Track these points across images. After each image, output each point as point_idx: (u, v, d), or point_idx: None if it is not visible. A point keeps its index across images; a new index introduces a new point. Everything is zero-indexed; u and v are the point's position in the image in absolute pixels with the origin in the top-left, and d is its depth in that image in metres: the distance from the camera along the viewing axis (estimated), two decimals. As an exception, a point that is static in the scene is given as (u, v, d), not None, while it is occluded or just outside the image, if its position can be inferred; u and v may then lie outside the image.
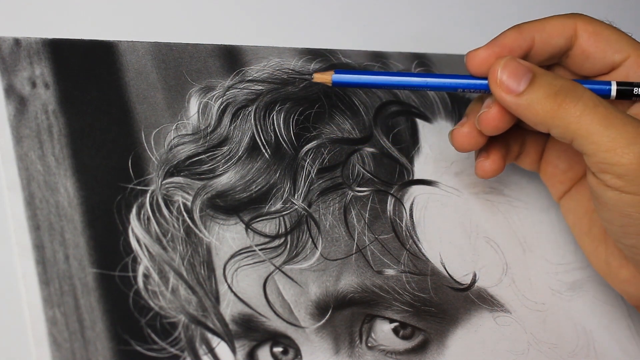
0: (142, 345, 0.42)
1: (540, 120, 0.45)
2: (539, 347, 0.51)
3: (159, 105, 0.48)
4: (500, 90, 0.46)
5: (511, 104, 0.46)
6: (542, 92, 0.45)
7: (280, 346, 0.46)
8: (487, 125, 0.48)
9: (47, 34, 0.47)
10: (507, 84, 0.46)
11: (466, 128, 0.49)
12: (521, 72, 0.46)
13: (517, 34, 0.48)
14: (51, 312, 0.41)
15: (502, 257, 0.53)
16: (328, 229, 0.49)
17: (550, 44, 0.49)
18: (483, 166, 0.51)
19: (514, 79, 0.46)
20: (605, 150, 0.44)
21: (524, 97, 0.45)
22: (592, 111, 0.44)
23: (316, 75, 0.48)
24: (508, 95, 0.46)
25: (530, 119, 0.46)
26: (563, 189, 0.52)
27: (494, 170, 0.51)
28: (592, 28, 0.49)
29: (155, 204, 0.46)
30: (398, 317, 0.48)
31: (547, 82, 0.45)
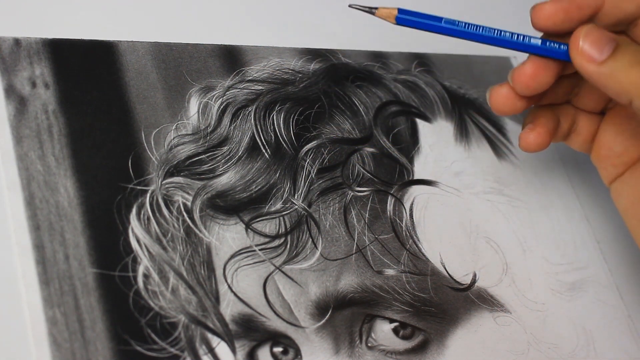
0: (142, 345, 0.42)
1: (624, 89, 0.43)
2: (539, 347, 0.51)
3: (159, 105, 0.48)
4: (582, 59, 0.44)
5: (593, 72, 0.44)
6: (627, 60, 0.43)
7: (280, 346, 0.46)
8: (520, 83, 0.46)
9: (47, 34, 0.47)
10: (589, 52, 0.44)
11: (505, 88, 0.48)
12: (604, 40, 0.44)
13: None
14: (51, 312, 0.41)
15: (502, 257, 0.53)
16: (328, 229, 0.49)
17: (620, 7, 0.46)
18: (527, 138, 0.49)
19: (596, 47, 0.44)
20: None
21: (606, 65, 0.43)
22: None
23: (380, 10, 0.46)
24: (590, 64, 0.44)
25: (612, 87, 0.44)
26: (616, 172, 0.50)
27: (537, 144, 0.49)
28: None
29: (155, 204, 0.46)
30: (398, 317, 0.48)
31: (631, 51, 0.43)
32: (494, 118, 0.60)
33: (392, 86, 0.57)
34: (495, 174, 0.57)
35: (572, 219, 0.58)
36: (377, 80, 0.56)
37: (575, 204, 0.60)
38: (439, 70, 0.60)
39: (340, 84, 0.55)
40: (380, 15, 0.47)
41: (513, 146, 0.60)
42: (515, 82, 0.47)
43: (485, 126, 0.59)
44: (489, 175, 0.57)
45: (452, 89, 0.59)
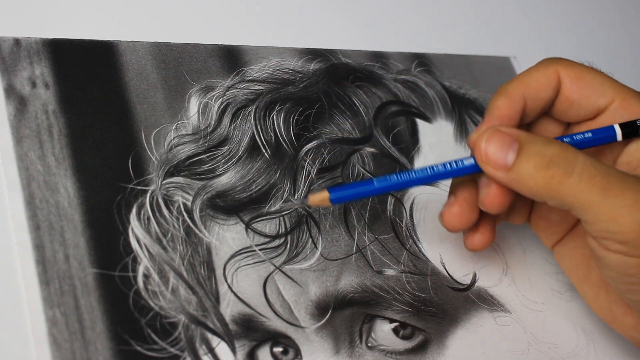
0: (142, 345, 0.42)
1: (535, 193, 0.43)
2: (539, 347, 0.51)
3: (159, 105, 0.48)
4: (489, 167, 0.44)
5: (503, 179, 0.44)
6: (532, 165, 0.43)
7: (280, 346, 0.46)
8: (492, 205, 0.46)
9: (47, 34, 0.47)
10: (494, 159, 0.43)
11: (456, 208, 0.47)
12: (507, 142, 0.43)
13: (508, 99, 0.46)
14: (51, 312, 0.41)
15: (502, 257, 0.53)
16: (328, 229, 0.49)
17: (539, 98, 0.47)
18: (473, 240, 0.49)
19: (500, 152, 0.43)
20: (606, 220, 0.42)
21: (513, 172, 0.43)
22: (588, 182, 0.42)
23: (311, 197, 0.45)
24: (498, 172, 0.44)
25: (525, 192, 0.44)
26: (556, 238, 0.51)
27: (484, 244, 0.49)
28: (574, 73, 0.47)
29: (155, 204, 0.46)
30: (398, 317, 0.48)
31: (536, 152, 0.43)
32: (494, 118, 0.60)
33: (392, 86, 0.57)
34: (495, 174, 0.57)
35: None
36: (377, 80, 0.56)
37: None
38: (439, 70, 0.60)
39: (340, 84, 0.55)
40: (313, 203, 0.45)
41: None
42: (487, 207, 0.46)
43: None
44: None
45: (452, 89, 0.59)
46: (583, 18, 0.73)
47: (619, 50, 0.73)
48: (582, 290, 0.50)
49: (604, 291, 0.48)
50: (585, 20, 0.73)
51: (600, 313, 0.49)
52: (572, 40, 0.71)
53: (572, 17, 0.72)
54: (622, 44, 0.74)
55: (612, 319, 0.48)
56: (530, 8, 0.70)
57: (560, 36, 0.70)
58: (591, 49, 0.72)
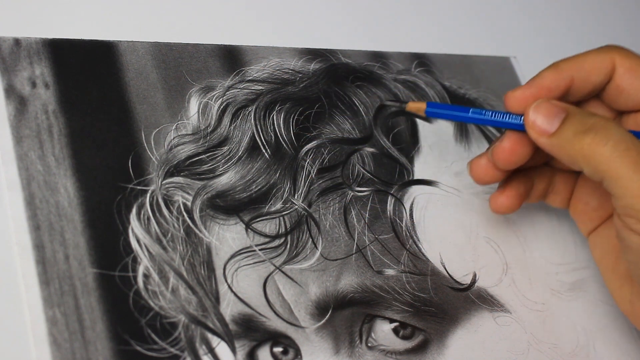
0: (142, 345, 0.42)
1: (573, 159, 0.45)
2: (539, 347, 0.51)
3: (159, 105, 0.48)
4: (534, 132, 0.46)
5: (545, 144, 0.46)
6: (572, 131, 0.44)
7: (280, 346, 0.46)
8: (499, 158, 0.48)
9: (47, 34, 0.47)
10: (540, 125, 0.45)
11: (484, 160, 0.49)
12: (554, 112, 0.45)
13: (555, 73, 0.48)
14: (51, 312, 0.41)
15: (502, 257, 0.53)
16: (328, 229, 0.49)
17: (589, 81, 0.48)
18: (497, 201, 0.50)
19: (546, 120, 0.45)
20: (632, 196, 0.43)
21: (555, 137, 0.45)
22: (622, 154, 0.43)
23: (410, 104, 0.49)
24: (541, 137, 0.45)
25: (563, 158, 0.45)
26: (592, 225, 0.52)
27: (507, 207, 0.50)
28: (629, 63, 0.48)
29: (155, 204, 0.46)
30: (398, 317, 0.48)
31: (578, 120, 0.45)
32: (494, 118, 0.60)
33: (392, 86, 0.57)
34: (495, 174, 0.57)
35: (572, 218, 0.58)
36: (377, 80, 0.56)
37: (575, 204, 0.60)
38: (439, 70, 0.60)
39: (340, 84, 0.55)
40: (410, 109, 0.49)
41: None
42: (495, 159, 0.48)
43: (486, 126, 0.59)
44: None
45: (452, 89, 0.59)
46: (583, 18, 0.73)
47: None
48: (608, 280, 0.50)
49: (628, 283, 0.49)
50: (585, 20, 0.73)
51: (621, 305, 0.50)
52: (572, 40, 0.71)
53: (572, 17, 0.72)
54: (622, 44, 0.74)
55: (631, 311, 0.49)
56: (530, 8, 0.70)
57: (560, 36, 0.70)
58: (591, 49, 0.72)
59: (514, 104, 0.47)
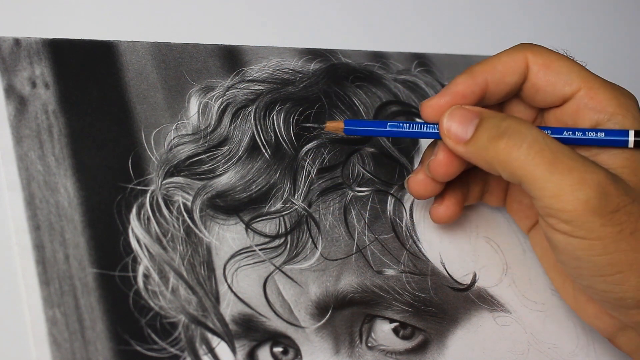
0: (142, 345, 0.42)
1: (489, 166, 0.45)
2: (539, 347, 0.51)
3: (159, 105, 0.48)
4: (450, 141, 0.45)
5: (462, 153, 0.45)
6: (487, 136, 0.44)
7: (280, 346, 0.46)
8: (437, 172, 0.47)
9: (47, 34, 0.47)
10: (455, 133, 0.45)
11: (421, 175, 0.48)
12: (468, 118, 0.45)
13: (469, 79, 0.47)
14: (51, 312, 0.41)
15: (502, 257, 0.53)
16: (328, 229, 0.49)
17: (504, 82, 0.48)
18: (437, 212, 0.50)
19: (461, 127, 0.45)
20: (551, 196, 0.42)
21: (471, 145, 0.45)
22: (536, 155, 0.43)
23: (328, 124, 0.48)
24: (458, 145, 0.45)
25: (481, 165, 0.45)
26: (530, 222, 0.51)
27: (448, 217, 0.50)
28: (542, 60, 0.47)
29: (155, 204, 0.46)
30: (398, 317, 0.48)
31: (492, 125, 0.44)
32: (494, 118, 0.60)
33: (392, 86, 0.57)
34: (495, 174, 0.57)
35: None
36: (377, 80, 0.56)
37: (575, 204, 0.60)
38: (439, 70, 0.60)
39: (340, 84, 0.55)
40: (329, 128, 0.48)
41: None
42: (434, 173, 0.47)
43: None
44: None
45: (452, 89, 0.59)
46: (583, 18, 0.73)
47: (619, 50, 0.73)
48: (551, 276, 0.51)
49: (569, 279, 0.49)
50: (584, 20, 0.73)
51: (567, 300, 0.50)
52: (571, 40, 0.71)
53: (571, 16, 0.72)
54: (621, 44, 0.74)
55: (577, 306, 0.49)
56: (530, 8, 0.70)
57: (560, 36, 0.70)
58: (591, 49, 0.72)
59: (429, 113, 0.47)
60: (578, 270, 0.45)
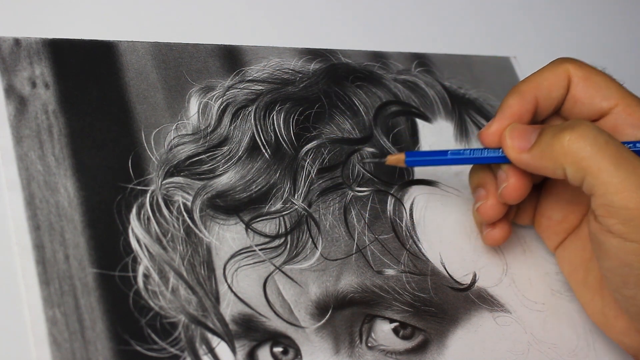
0: (142, 345, 0.42)
1: (556, 162, 0.45)
2: (539, 347, 0.51)
3: (159, 105, 0.48)
4: (514, 152, 0.46)
5: (527, 159, 0.46)
6: (550, 136, 0.45)
7: (280, 346, 0.46)
8: (511, 197, 0.48)
9: (47, 34, 0.47)
10: (518, 144, 0.46)
11: (491, 201, 0.50)
12: (529, 131, 0.46)
13: (520, 99, 0.48)
14: (51, 312, 0.41)
15: (502, 257, 0.53)
16: (328, 229, 0.49)
17: (551, 97, 0.49)
18: (493, 237, 0.51)
19: (522, 138, 0.46)
20: (614, 192, 0.43)
21: (534, 148, 0.45)
22: (602, 147, 0.43)
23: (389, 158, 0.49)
24: (522, 154, 0.46)
25: (547, 165, 0.45)
26: (558, 239, 0.52)
27: (503, 239, 0.51)
28: (582, 73, 0.48)
29: (155, 204, 0.46)
30: (398, 317, 0.48)
31: (553, 129, 0.45)
32: (494, 118, 0.60)
33: (392, 86, 0.57)
34: (495, 174, 0.57)
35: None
36: (377, 80, 0.56)
37: (575, 204, 0.60)
38: (439, 70, 0.60)
39: (340, 84, 0.55)
40: (390, 162, 0.50)
41: (513, 146, 0.60)
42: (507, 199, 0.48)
43: None
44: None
45: (452, 89, 0.59)
46: (583, 18, 0.73)
47: (619, 50, 0.73)
48: (579, 292, 0.51)
49: (599, 295, 0.49)
50: (585, 20, 0.73)
51: (593, 316, 0.50)
52: (572, 40, 0.71)
53: (572, 17, 0.72)
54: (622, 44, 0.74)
55: (604, 322, 0.49)
56: (530, 8, 0.70)
57: (560, 36, 0.70)
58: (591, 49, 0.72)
59: (491, 140, 0.48)
60: (624, 278, 0.45)
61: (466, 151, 0.49)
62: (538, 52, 0.67)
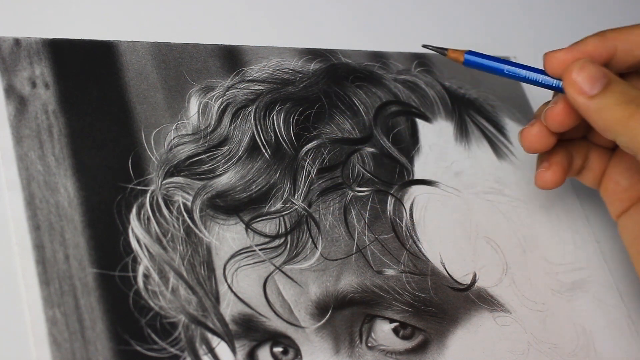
0: (142, 345, 0.42)
1: (608, 126, 0.45)
2: (539, 347, 0.51)
3: (159, 105, 0.48)
4: (573, 90, 0.45)
5: (582, 105, 0.45)
6: (615, 99, 0.44)
7: (280, 346, 0.46)
8: (553, 121, 0.48)
9: (47, 34, 0.47)
10: (581, 85, 0.45)
11: (536, 128, 0.49)
12: (597, 75, 0.45)
13: (600, 41, 0.48)
14: (51, 312, 0.41)
15: (502, 257, 0.53)
16: (328, 229, 0.49)
17: (632, 54, 0.48)
18: (544, 177, 0.51)
19: (588, 81, 0.45)
20: None
21: (595, 100, 0.45)
22: None
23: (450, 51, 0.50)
24: (580, 96, 0.45)
25: (598, 123, 0.45)
26: (622, 207, 0.52)
27: (554, 182, 0.51)
28: None
29: (155, 204, 0.46)
30: (398, 317, 0.48)
31: (621, 90, 0.45)
32: (494, 118, 0.60)
33: (392, 86, 0.57)
34: (495, 174, 0.57)
35: (572, 219, 0.58)
36: (377, 80, 0.56)
37: (576, 204, 0.60)
38: (439, 70, 0.60)
39: (340, 84, 0.55)
40: (450, 56, 0.50)
41: (513, 146, 0.60)
42: (549, 121, 0.48)
43: (485, 126, 0.59)
44: (489, 175, 0.57)
45: (452, 89, 0.59)
46: (583, 18, 0.73)
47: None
48: (637, 263, 0.50)
49: None
50: (585, 20, 0.73)
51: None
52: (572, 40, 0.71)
53: (572, 17, 0.72)
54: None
55: None
56: (530, 8, 0.70)
57: (560, 36, 0.70)
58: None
59: (554, 64, 0.48)
60: None
61: (522, 72, 0.49)
62: (538, 52, 0.67)
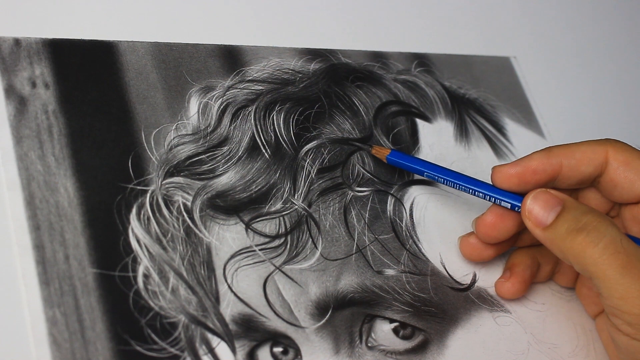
0: (142, 345, 0.42)
1: (563, 255, 0.45)
2: (539, 347, 0.51)
3: (159, 105, 0.48)
4: (530, 222, 0.47)
5: (539, 236, 0.46)
6: (565, 228, 0.45)
7: (280, 346, 0.46)
8: (482, 232, 0.49)
9: (47, 34, 0.47)
10: (536, 216, 0.46)
11: (473, 238, 0.50)
12: (551, 203, 0.46)
13: (545, 157, 0.48)
14: (51, 312, 0.41)
15: (502, 257, 0.53)
16: (328, 229, 0.49)
17: (578, 170, 0.48)
18: (502, 288, 0.51)
19: (543, 211, 0.46)
20: (619, 298, 0.43)
21: (549, 232, 0.46)
22: (611, 256, 0.44)
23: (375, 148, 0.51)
24: (536, 228, 0.46)
25: (555, 252, 0.46)
26: (597, 309, 0.52)
27: (513, 293, 0.51)
28: (623, 157, 0.48)
29: (155, 204, 0.46)
30: (398, 317, 0.48)
31: (572, 217, 0.45)
32: (494, 118, 0.60)
33: (392, 86, 0.57)
34: (495, 174, 0.57)
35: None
36: (377, 80, 0.56)
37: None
38: (439, 70, 0.60)
39: (340, 84, 0.55)
40: (375, 153, 0.52)
41: (513, 146, 0.60)
42: (478, 232, 0.49)
43: (485, 126, 0.59)
44: (488, 175, 0.57)
45: (452, 89, 0.59)
46: (583, 18, 0.73)
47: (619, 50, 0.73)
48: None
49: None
50: (585, 20, 0.73)
51: None
52: (572, 40, 0.71)
53: (572, 17, 0.72)
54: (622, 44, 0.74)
55: None
56: (530, 8, 0.70)
57: (560, 36, 0.70)
58: (591, 50, 0.72)
59: (499, 178, 0.48)
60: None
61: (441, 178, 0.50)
62: (538, 52, 0.67)
